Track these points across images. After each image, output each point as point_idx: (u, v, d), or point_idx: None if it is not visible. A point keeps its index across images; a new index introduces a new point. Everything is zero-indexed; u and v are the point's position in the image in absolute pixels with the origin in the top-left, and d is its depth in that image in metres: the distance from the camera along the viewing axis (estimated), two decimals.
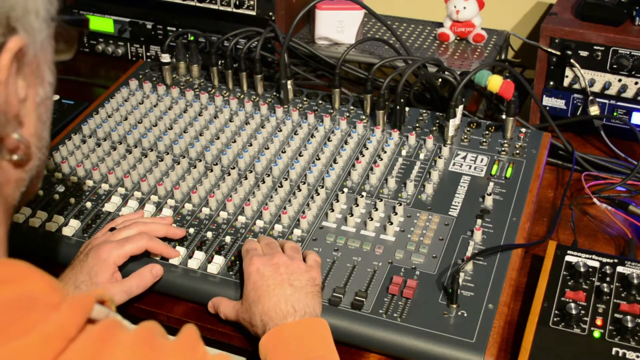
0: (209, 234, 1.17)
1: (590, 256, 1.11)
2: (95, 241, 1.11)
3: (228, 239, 1.16)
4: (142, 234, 1.11)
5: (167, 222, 1.18)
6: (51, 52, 0.70)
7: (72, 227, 1.19)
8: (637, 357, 0.96)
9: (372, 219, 1.16)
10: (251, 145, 1.34)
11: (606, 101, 1.46)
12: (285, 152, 1.32)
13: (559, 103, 1.50)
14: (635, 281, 1.05)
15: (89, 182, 1.29)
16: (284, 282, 1.01)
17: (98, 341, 0.60)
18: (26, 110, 0.67)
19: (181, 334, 0.64)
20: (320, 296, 1.03)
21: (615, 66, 1.41)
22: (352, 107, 1.45)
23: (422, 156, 1.32)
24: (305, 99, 1.48)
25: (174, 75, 1.56)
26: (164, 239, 1.15)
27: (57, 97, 1.60)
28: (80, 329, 0.60)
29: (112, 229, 1.15)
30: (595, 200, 1.30)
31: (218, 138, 1.37)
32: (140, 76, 1.57)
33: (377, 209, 1.19)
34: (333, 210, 1.19)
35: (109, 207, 1.23)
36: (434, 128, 1.39)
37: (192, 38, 1.58)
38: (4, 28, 0.62)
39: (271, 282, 1.01)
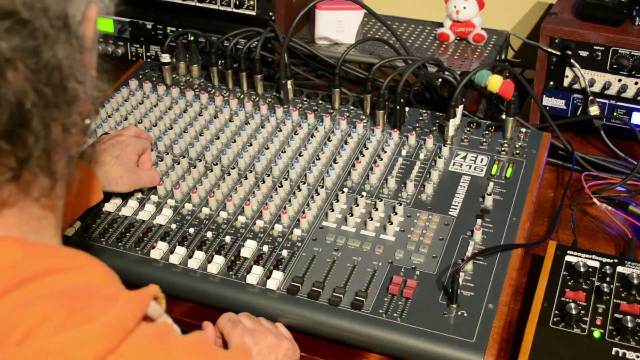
0: (209, 234, 1.17)
1: (590, 256, 1.11)
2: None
3: (228, 239, 1.16)
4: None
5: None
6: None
7: (72, 227, 1.19)
8: (637, 357, 0.96)
9: (372, 219, 1.16)
10: (251, 145, 1.34)
11: (606, 101, 1.46)
12: (285, 152, 1.32)
13: (559, 103, 1.50)
14: (635, 281, 1.05)
15: None
16: None
17: (154, 338, 0.63)
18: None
19: (235, 348, 0.67)
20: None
21: (615, 66, 1.41)
22: (352, 107, 1.45)
23: (422, 156, 1.32)
24: (305, 99, 1.48)
25: (174, 75, 1.56)
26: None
27: None
28: (138, 322, 0.62)
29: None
30: (595, 200, 1.30)
31: (218, 138, 1.36)
32: (140, 76, 1.57)
33: (377, 209, 1.19)
34: (333, 210, 1.19)
35: (108, 207, 1.23)
36: (434, 128, 1.39)
37: (192, 38, 1.58)
38: None
39: None
